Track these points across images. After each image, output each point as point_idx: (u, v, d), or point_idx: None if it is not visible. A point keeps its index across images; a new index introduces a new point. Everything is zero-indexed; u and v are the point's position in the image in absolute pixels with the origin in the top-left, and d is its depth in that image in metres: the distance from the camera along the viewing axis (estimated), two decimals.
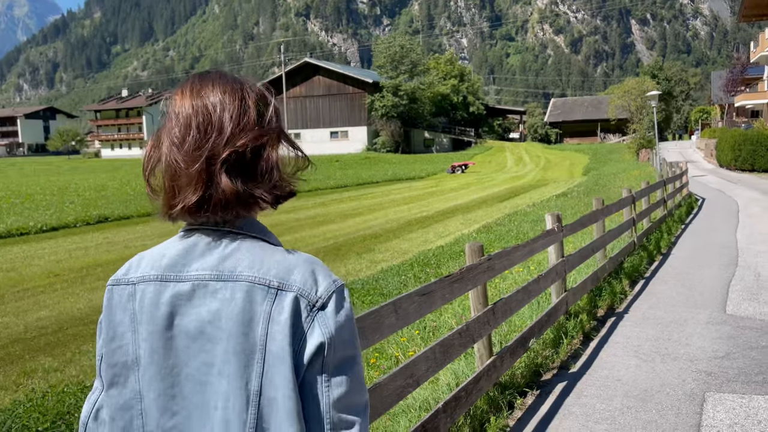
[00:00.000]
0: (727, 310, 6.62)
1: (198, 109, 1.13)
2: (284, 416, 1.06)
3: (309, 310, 1.08)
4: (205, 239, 1.14)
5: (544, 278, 5.51)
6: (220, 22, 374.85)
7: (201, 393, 1.10)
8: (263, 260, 1.11)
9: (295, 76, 73.27)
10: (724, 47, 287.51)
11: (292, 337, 1.07)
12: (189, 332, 1.10)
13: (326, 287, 1.11)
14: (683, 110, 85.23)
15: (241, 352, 1.07)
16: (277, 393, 1.06)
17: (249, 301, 1.08)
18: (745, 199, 18.31)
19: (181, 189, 1.11)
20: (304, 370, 1.08)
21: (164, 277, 1.13)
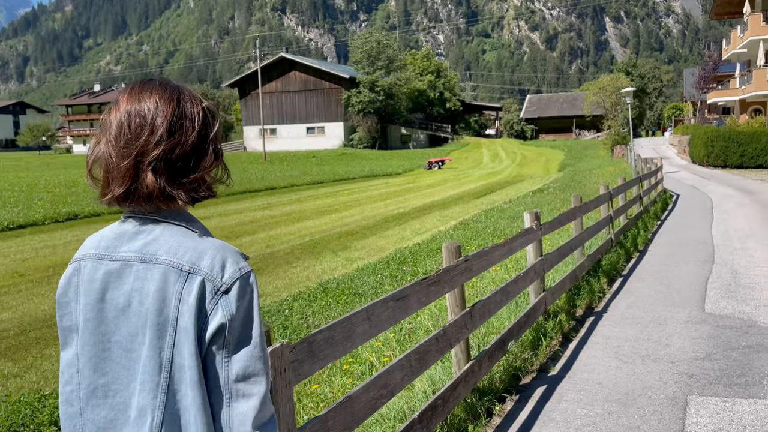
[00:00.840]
0: (705, 309, 6.55)
1: (133, 112, 1.28)
2: (188, 382, 1.23)
3: (213, 294, 1.23)
4: (134, 225, 1.30)
5: (522, 278, 5.37)
6: (194, 17, 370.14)
7: (127, 358, 1.27)
8: (180, 246, 1.26)
9: (271, 71, 72.51)
10: (695, 45, 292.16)
11: (197, 315, 1.22)
12: (118, 305, 1.27)
13: (231, 274, 1.25)
14: (656, 107, 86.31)
15: (156, 325, 1.24)
16: (184, 361, 1.22)
17: (164, 281, 1.24)
18: (719, 195, 18.46)
19: (112, 180, 1.28)
20: (207, 345, 1.23)
21: (100, 255, 1.30)
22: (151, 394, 1.24)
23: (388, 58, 69.00)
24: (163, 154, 1.25)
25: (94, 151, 1.32)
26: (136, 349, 1.26)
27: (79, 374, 1.30)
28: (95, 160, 1.32)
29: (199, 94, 1.37)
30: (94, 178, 1.33)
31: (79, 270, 1.32)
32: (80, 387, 1.31)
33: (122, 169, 1.25)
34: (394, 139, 74.03)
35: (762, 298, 6.86)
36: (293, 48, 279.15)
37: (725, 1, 39.34)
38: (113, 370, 1.28)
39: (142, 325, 1.25)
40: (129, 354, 1.27)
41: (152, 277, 1.25)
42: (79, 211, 22.47)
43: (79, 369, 1.30)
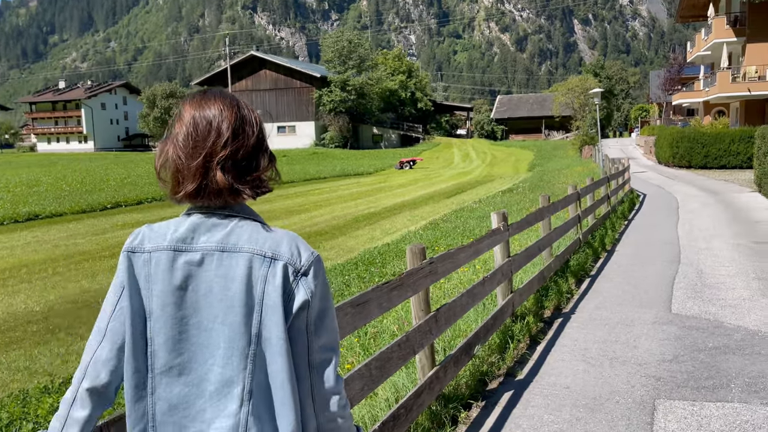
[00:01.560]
0: (672, 309, 6.53)
1: (198, 118, 1.45)
2: (277, 351, 1.39)
3: (295, 275, 1.41)
4: (208, 219, 1.44)
5: (489, 280, 5.25)
6: (164, 14, 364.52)
7: (206, 336, 1.40)
8: (259, 236, 1.43)
9: (241, 70, 71.74)
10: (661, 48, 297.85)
11: (282, 294, 1.39)
12: (200, 290, 1.41)
13: (307, 258, 1.44)
14: (623, 108, 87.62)
15: (244, 305, 1.39)
16: (271, 335, 1.39)
17: (249, 267, 1.40)
18: (684, 195, 18.71)
19: (184, 179, 1.43)
20: (292, 319, 1.41)
21: (177, 247, 1.42)
22: (240, 365, 1.39)
23: (359, 58, 68.79)
24: (229, 155, 1.42)
25: (162, 156, 1.47)
26: (217, 328, 1.40)
27: (153, 356, 1.41)
28: (162, 164, 1.47)
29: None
30: (163, 179, 1.48)
31: (149, 261, 1.42)
32: (153, 368, 1.41)
33: (192, 168, 1.42)
34: (365, 138, 73.84)
35: (728, 298, 6.87)
36: (264, 47, 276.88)
37: (690, 5, 40.04)
38: (190, 350, 1.40)
39: (227, 306, 1.39)
40: (209, 333, 1.40)
41: (237, 263, 1.40)
42: (40, 211, 21.84)
43: (153, 351, 1.41)
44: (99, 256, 13.91)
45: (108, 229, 18.26)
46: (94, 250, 14.82)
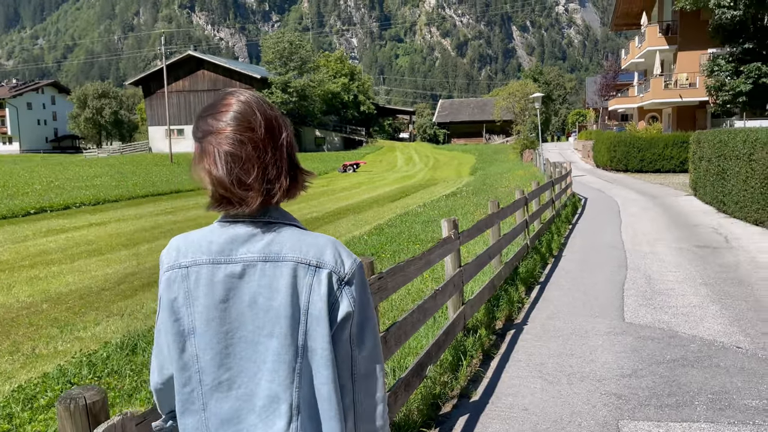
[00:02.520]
0: (625, 318, 6.34)
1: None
2: (322, 363, 1.34)
3: (339, 284, 1.36)
4: (245, 228, 1.38)
5: (441, 293, 4.89)
6: (95, 11, 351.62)
7: (253, 351, 1.36)
8: (302, 244, 1.37)
9: (177, 70, 69.59)
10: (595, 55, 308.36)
11: (327, 303, 1.34)
12: (243, 303, 1.36)
13: (350, 266, 1.39)
14: (561, 113, 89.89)
15: (290, 316, 1.34)
16: (316, 345, 1.34)
17: (294, 276, 1.35)
18: (623, 199, 19.01)
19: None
20: (336, 329, 1.36)
21: (216, 260, 1.37)
22: (287, 379, 1.34)
23: (300, 59, 67.90)
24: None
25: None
26: (263, 341, 1.35)
27: (201, 373, 1.36)
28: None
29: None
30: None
31: (188, 276, 1.37)
32: (202, 385, 1.37)
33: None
34: (308, 141, 72.96)
35: (678, 305, 6.75)
36: (203, 47, 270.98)
37: (624, 13, 41.27)
38: (238, 364, 1.36)
39: (273, 318, 1.34)
40: (255, 347, 1.35)
41: (281, 273, 1.35)
42: None
43: (201, 368, 1.36)
44: (17, 267, 12.88)
45: (29, 237, 17.06)
46: (11, 259, 13.74)
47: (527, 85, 48.10)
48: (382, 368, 1.44)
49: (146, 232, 17.43)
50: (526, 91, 44.39)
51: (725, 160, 14.29)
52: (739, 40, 25.73)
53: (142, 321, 8.47)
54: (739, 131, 13.57)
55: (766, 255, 9.46)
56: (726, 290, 7.38)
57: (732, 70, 25.75)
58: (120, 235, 17.05)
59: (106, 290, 10.68)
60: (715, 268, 8.69)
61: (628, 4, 39.27)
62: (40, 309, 9.56)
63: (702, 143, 16.88)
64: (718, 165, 14.95)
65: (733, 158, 13.63)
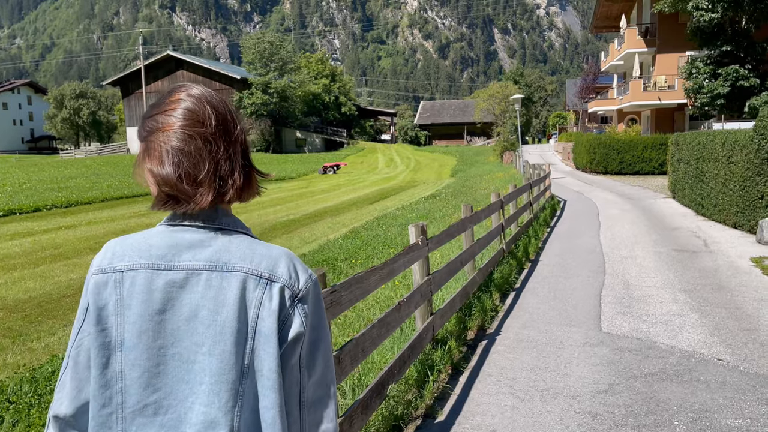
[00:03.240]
0: (602, 327, 6.08)
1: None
2: (268, 384, 1.21)
3: (292, 300, 1.25)
4: (192, 234, 1.26)
5: (407, 303, 4.58)
6: (74, 10, 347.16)
7: (186, 370, 1.21)
8: (254, 253, 1.26)
9: (156, 70, 68.67)
10: (575, 58, 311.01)
11: (277, 321, 1.23)
12: (182, 315, 1.22)
13: (305, 281, 1.28)
14: (541, 115, 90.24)
15: (236, 332, 1.21)
16: (263, 366, 1.21)
17: (243, 289, 1.22)
18: (603, 201, 18.87)
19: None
20: (284, 350, 1.24)
21: (155, 265, 1.23)
22: (229, 402, 1.21)
23: (281, 60, 67.34)
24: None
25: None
26: (200, 360, 1.21)
27: (124, 393, 1.21)
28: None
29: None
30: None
31: (122, 282, 1.24)
32: (124, 407, 1.22)
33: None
34: (288, 142, 72.38)
35: (657, 314, 6.51)
36: (183, 47, 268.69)
37: (604, 15, 41.39)
38: (167, 385, 1.22)
39: (215, 334, 1.21)
40: (190, 366, 1.22)
41: (229, 285, 1.23)
42: None
43: (124, 387, 1.22)
44: None
45: None
46: None
47: (508, 86, 48.07)
48: (334, 394, 1.31)
49: (116, 236, 16.78)
50: (507, 92, 44.34)
51: (704, 162, 14.18)
52: (716, 43, 25.80)
53: None
54: (717, 133, 13.46)
55: (744, 260, 9.29)
56: (705, 297, 7.17)
57: (710, 73, 25.80)
58: (89, 239, 16.52)
59: (68, 297, 10.23)
60: (694, 273, 8.49)
61: (608, 7, 39.38)
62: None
63: (681, 145, 16.79)
64: (697, 167, 14.84)
65: (711, 160, 13.51)
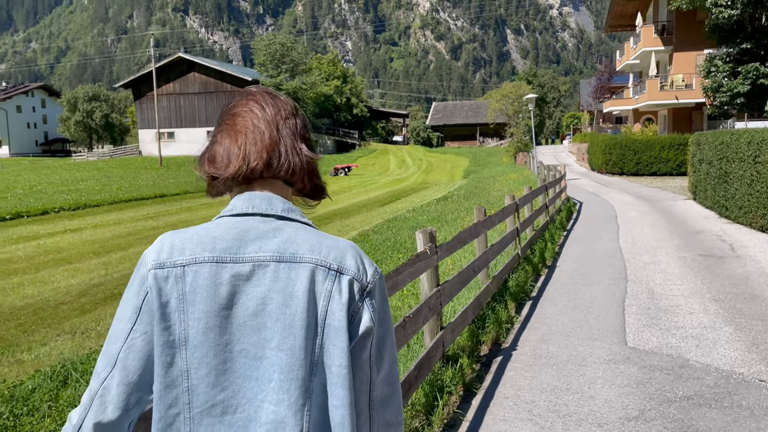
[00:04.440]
0: (628, 342, 5.58)
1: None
2: (338, 382, 1.17)
3: (361, 294, 1.21)
4: (257, 224, 1.22)
5: (412, 320, 4.12)
6: (89, 14, 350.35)
7: (255, 367, 1.17)
8: (321, 244, 1.22)
9: (168, 72, 68.70)
10: (589, 58, 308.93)
11: (347, 314, 1.18)
12: (248, 309, 1.17)
13: (372, 274, 1.24)
14: (555, 116, 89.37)
15: (307, 326, 1.16)
16: (332, 362, 1.17)
17: (312, 280, 1.18)
18: (620, 203, 18.29)
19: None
20: (354, 345, 1.20)
21: (221, 258, 1.19)
22: (299, 401, 1.16)
23: (292, 62, 67.14)
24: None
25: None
26: (269, 356, 1.17)
27: (191, 392, 1.17)
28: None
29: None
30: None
31: (183, 277, 1.18)
32: (191, 407, 1.17)
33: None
34: None
35: (687, 326, 6.00)
36: (196, 50, 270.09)
37: (618, 14, 40.67)
38: (235, 383, 1.17)
39: (284, 328, 1.17)
40: (258, 363, 1.17)
41: (297, 276, 1.18)
42: None
43: (191, 387, 1.17)
44: None
45: None
46: None
47: (521, 87, 47.45)
48: (400, 393, 1.28)
49: (121, 239, 16.61)
50: (520, 92, 43.73)
51: (728, 162, 13.58)
52: (736, 41, 25.10)
53: (94, 340, 7.70)
54: (742, 132, 12.86)
55: None
56: (738, 307, 6.64)
57: (729, 71, 25.11)
58: (93, 243, 16.23)
59: (65, 304, 9.89)
60: (723, 280, 7.95)
61: (623, 5, 38.67)
62: None
63: (702, 145, 16.19)
64: (720, 168, 14.25)
65: (736, 160, 12.92)
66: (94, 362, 5.81)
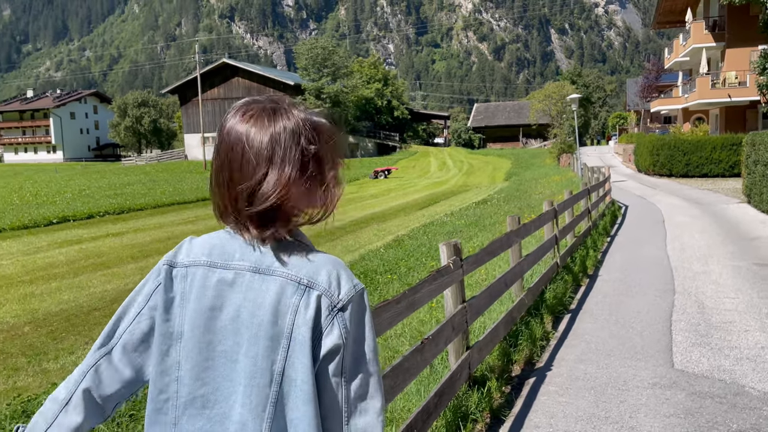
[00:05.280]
0: (675, 363, 5.11)
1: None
2: (301, 396, 1.19)
3: (330, 310, 1.20)
4: (249, 236, 1.27)
5: (433, 341, 3.78)
6: (140, 22, 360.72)
7: (231, 369, 1.23)
8: (297, 260, 1.24)
9: (213, 78, 70.02)
10: (636, 57, 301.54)
11: (313, 330, 1.19)
12: (228, 314, 1.24)
13: (347, 291, 1.23)
14: (600, 116, 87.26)
15: (270, 337, 1.20)
16: (297, 375, 1.19)
17: (280, 293, 1.21)
18: (668, 206, 17.49)
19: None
20: (320, 362, 1.20)
21: (213, 263, 1.27)
22: (258, 407, 1.20)
23: (334, 65, 67.40)
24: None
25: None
26: (240, 360, 1.23)
27: (179, 382, 1.25)
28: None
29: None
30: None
31: (186, 276, 1.28)
32: (178, 396, 1.25)
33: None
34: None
35: (742, 346, 5.48)
36: (242, 55, 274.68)
37: (667, 10, 39.29)
38: (214, 381, 1.24)
39: (252, 337, 1.22)
40: (233, 365, 1.23)
41: (267, 288, 1.23)
42: None
43: (180, 377, 1.25)
44: (16, 282, 12.25)
45: (42, 248, 16.54)
46: (14, 273, 13.14)
47: (564, 86, 46.35)
48: (381, 419, 1.23)
49: (160, 243, 16.72)
50: (564, 92, 42.70)
51: None
52: None
53: None
54: None
55: None
56: None
57: None
58: (133, 247, 16.40)
59: (98, 310, 9.89)
60: None
61: (672, 1, 37.31)
62: (21, 332, 8.80)
63: (757, 145, 15.31)
64: None
65: None
66: None
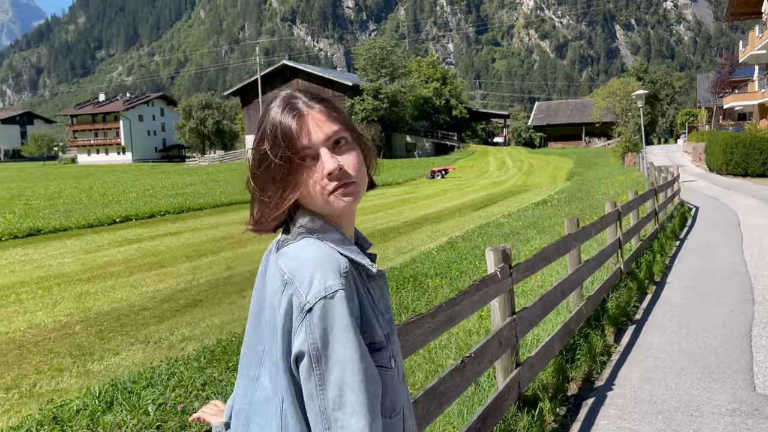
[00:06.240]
0: (756, 386, 4.52)
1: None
2: (271, 368, 1.20)
3: (299, 311, 1.14)
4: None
5: (476, 359, 3.38)
6: (205, 27, 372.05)
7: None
8: (298, 252, 1.21)
9: (273, 79, 71.04)
10: (707, 52, 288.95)
11: (283, 327, 1.16)
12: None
13: (317, 292, 1.14)
14: (668, 114, 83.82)
15: (256, 313, 1.26)
16: (270, 359, 1.20)
17: (273, 281, 1.22)
18: (744, 208, 16.34)
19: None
20: (295, 366, 1.16)
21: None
22: (250, 372, 1.27)
23: (392, 65, 67.24)
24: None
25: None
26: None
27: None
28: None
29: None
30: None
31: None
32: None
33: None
34: (398, 147, 72.16)
35: None
36: (303, 57, 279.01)
37: (742, 1, 37.22)
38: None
39: (252, 306, 1.30)
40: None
41: (273, 273, 1.23)
42: (43, 226, 20.74)
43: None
44: (76, 280, 12.47)
45: (103, 247, 16.92)
46: (74, 271, 13.41)
47: (630, 83, 44.56)
48: (362, 427, 1.10)
49: (215, 243, 16.83)
50: (629, 89, 41.04)
51: None
52: None
53: (165, 351, 7.50)
54: None
55: None
56: None
57: None
58: (189, 246, 16.55)
59: (147, 310, 9.89)
60: None
61: None
62: (71, 331, 8.85)
63: None
64: None
65: None
66: (144, 380, 5.49)
